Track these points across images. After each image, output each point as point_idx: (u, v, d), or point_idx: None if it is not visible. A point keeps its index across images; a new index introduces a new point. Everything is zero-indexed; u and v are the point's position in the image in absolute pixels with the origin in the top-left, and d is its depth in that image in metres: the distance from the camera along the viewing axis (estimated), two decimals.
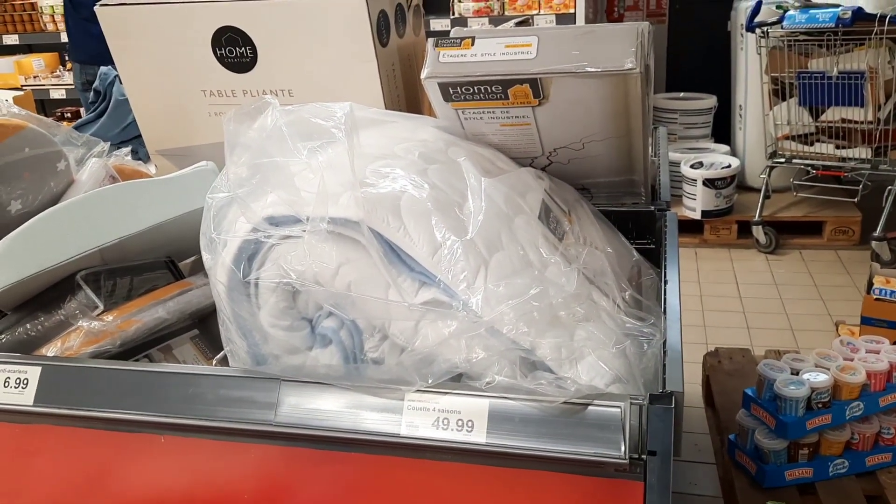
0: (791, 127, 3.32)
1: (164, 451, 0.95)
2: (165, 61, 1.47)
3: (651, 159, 1.65)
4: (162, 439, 0.95)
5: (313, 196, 0.89)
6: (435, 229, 0.90)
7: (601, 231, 1.17)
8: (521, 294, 0.89)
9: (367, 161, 0.99)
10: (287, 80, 1.43)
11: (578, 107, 1.17)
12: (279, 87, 1.44)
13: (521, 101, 1.17)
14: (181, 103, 1.51)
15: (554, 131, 1.24)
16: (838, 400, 1.63)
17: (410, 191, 0.94)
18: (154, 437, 0.95)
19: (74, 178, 1.33)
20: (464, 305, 0.88)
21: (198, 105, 1.50)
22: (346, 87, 1.40)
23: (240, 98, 1.47)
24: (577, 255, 1.01)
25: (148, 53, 1.48)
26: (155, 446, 0.95)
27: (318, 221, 0.89)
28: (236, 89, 1.46)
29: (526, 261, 0.96)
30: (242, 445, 0.91)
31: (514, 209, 1.03)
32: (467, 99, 1.18)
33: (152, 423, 0.93)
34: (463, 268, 0.89)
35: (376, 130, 1.15)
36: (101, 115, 1.84)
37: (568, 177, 1.36)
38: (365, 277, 0.91)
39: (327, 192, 0.90)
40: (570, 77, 1.11)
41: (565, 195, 1.20)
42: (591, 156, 1.28)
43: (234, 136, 0.88)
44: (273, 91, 1.45)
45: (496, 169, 1.14)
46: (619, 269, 1.11)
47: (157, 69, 1.48)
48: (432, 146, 1.10)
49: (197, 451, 0.94)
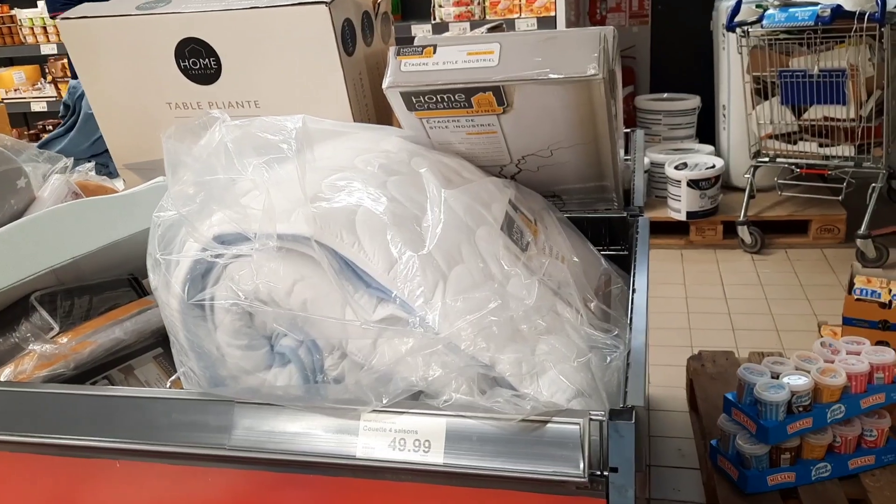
0: (774, 126, 3.31)
1: (120, 477, 0.93)
2: (129, 74, 1.45)
3: (625, 163, 1.64)
4: (118, 464, 0.92)
5: (271, 213, 0.87)
6: (391, 244, 0.88)
7: (569, 240, 1.15)
8: (480, 308, 0.87)
9: (324, 174, 0.97)
10: (252, 91, 1.41)
11: (543, 114, 1.15)
12: (245, 99, 1.42)
13: (485, 110, 1.15)
14: (146, 116, 1.48)
15: (521, 139, 1.22)
16: (819, 403, 1.61)
17: (367, 204, 0.92)
18: (110, 463, 0.92)
19: (36, 195, 1.31)
20: (421, 321, 0.86)
21: (163, 118, 1.48)
22: (313, 97, 1.38)
23: (205, 109, 1.45)
24: (540, 266, 1.00)
25: (111, 66, 1.45)
26: (111, 472, 0.93)
27: (266, 239, 0.87)
28: (202, 101, 1.44)
29: (487, 273, 0.94)
30: (198, 469, 0.88)
31: (476, 220, 1.01)
32: (431, 108, 1.16)
33: (106, 448, 0.90)
34: (420, 283, 0.87)
35: (337, 142, 1.13)
36: (70, 129, 1.81)
37: (538, 184, 1.35)
38: (321, 295, 0.89)
39: (276, 208, 0.88)
40: (533, 84, 1.09)
41: (532, 204, 1.18)
42: (560, 162, 1.27)
43: (175, 154, 0.86)
44: (239, 102, 1.43)
45: (460, 179, 1.12)
46: (586, 278, 1.09)
47: (121, 82, 1.46)
48: (394, 157, 1.08)
49: (153, 477, 0.92)
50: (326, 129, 1.06)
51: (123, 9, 1.42)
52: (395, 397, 0.82)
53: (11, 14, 4.35)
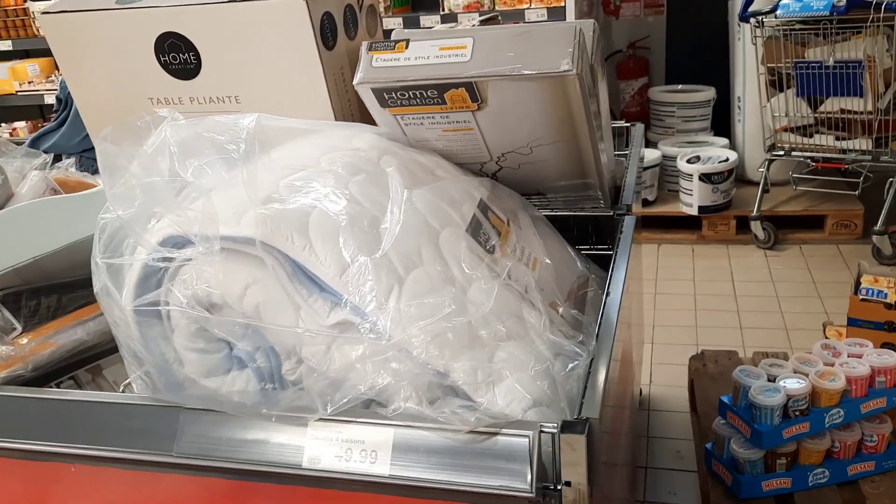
0: (789, 119, 3.24)
1: (75, 481, 0.92)
2: (110, 69, 1.43)
3: (619, 159, 1.60)
4: (73, 468, 0.91)
5: (212, 215, 0.85)
6: (344, 247, 0.86)
7: (544, 241, 1.12)
8: (435, 313, 0.85)
9: (284, 174, 0.95)
10: (232, 87, 1.39)
11: (519, 111, 1.12)
12: (225, 94, 1.40)
13: (459, 106, 1.12)
14: (129, 112, 1.46)
15: (498, 136, 1.19)
16: (817, 407, 1.56)
17: (323, 206, 0.89)
18: (65, 467, 0.91)
19: (14, 191, 1.30)
20: (372, 327, 0.83)
21: (146, 113, 1.46)
22: (292, 92, 1.35)
23: (187, 105, 1.43)
24: (505, 269, 0.96)
25: (92, 61, 1.44)
26: (66, 476, 0.92)
27: (211, 242, 0.85)
28: (182, 97, 1.42)
29: (447, 277, 0.91)
30: (149, 475, 0.87)
31: (441, 221, 0.98)
32: (404, 104, 1.13)
33: (59, 453, 0.89)
34: (372, 287, 0.84)
35: (305, 140, 1.10)
36: (62, 124, 1.80)
37: (520, 182, 1.31)
38: (273, 298, 0.87)
39: (227, 210, 0.85)
40: (506, 80, 1.06)
41: (507, 204, 1.15)
42: (542, 160, 1.23)
43: (110, 157, 0.84)
44: (220, 98, 1.41)
45: (431, 178, 1.09)
46: (559, 281, 1.05)
47: (103, 77, 1.45)
48: (362, 155, 1.05)
49: (107, 481, 0.90)
50: (290, 127, 1.03)
51: (103, 3, 1.40)
52: (341, 406, 0.80)
53: (25, 7, 4.37)
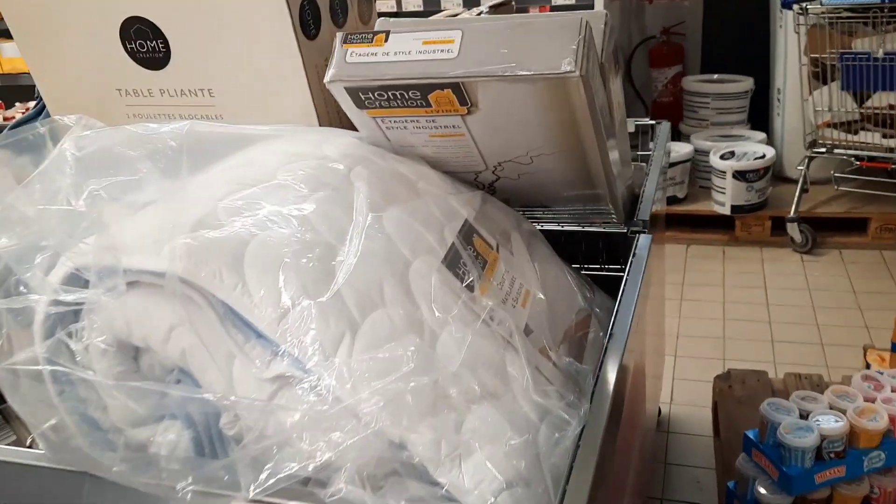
0: (833, 114, 3.02)
1: None
2: (76, 58, 1.30)
3: (639, 164, 1.44)
4: None
5: (123, 247, 0.71)
6: (285, 286, 0.71)
7: (540, 269, 0.96)
8: (393, 370, 0.70)
9: (226, 192, 0.80)
10: (205, 79, 1.25)
11: (515, 116, 0.96)
12: (197, 87, 1.26)
13: (446, 109, 0.97)
14: (98, 104, 1.34)
15: (493, 143, 1.03)
16: (855, 448, 1.39)
17: (266, 233, 0.75)
18: None
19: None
20: (311, 387, 0.69)
21: (115, 106, 1.33)
22: (270, 86, 1.21)
23: (157, 98, 1.30)
24: (488, 308, 0.81)
25: (57, 50, 1.31)
26: None
27: (121, 277, 0.71)
28: (153, 88, 1.29)
29: (414, 321, 0.76)
30: None
31: (414, 249, 0.83)
32: (383, 106, 0.98)
33: None
34: (315, 337, 0.69)
35: (267, 147, 0.96)
36: (40, 113, 1.68)
37: (520, 193, 1.16)
38: (202, 344, 0.73)
39: (143, 238, 0.71)
40: (498, 81, 0.90)
41: (499, 223, 0.99)
42: (543, 170, 1.07)
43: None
44: (192, 91, 1.27)
45: (411, 193, 0.94)
46: (554, 320, 0.90)
47: (69, 67, 1.31)
48: (330, 167, 0.90)
49: None
50: (240, 134, 0.89)
51: None
52: (268, 488, 0.65)
53: None
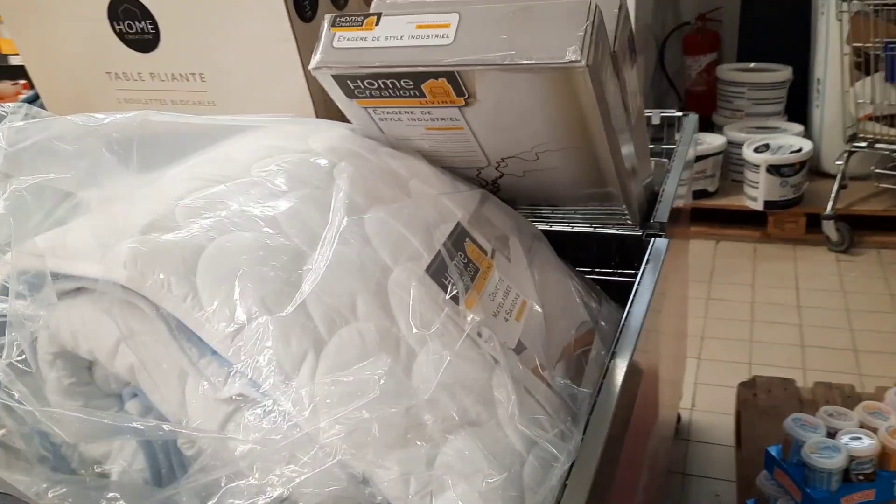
0: (875, 106, 2.88)
1: None
2: (64, 39, 1.24)
3: (658, 160, 1.34)
4: None
5: (61, 249, 0.64)
6: (241, 298, 0.63)
7: (539, 277, 0.88)
8: (360, 394, 0.62)
9: (189, 189, 0.73)
10: (196, 63, 1.18)
11: (516, 109, 0.88)
12: (188, 71, 1.19)
13: (442, 101, 0.88)
14: (87, 88, 1.28)
15: (494, 138, 0.95)
16: (886, 471, 1.29)
17: (225, 237, 0.67)
18: None
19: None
20: (265, 412, 0.62)
21: (104, 90, 1.26)
22: (264, 71, 1.13)
23: (147, 82, 1.23)
24: (475, 323, 0.73)
25: (45, 31, 1.25)
26: None
27: (57, 283, 0.64)
28: (143, 72, 1.22)
29: (389, 338, 0.68)
30: None
31: (397, 256, 0.75)
32: (374, 96, 0.90)
33: None
34: (273, 355, 0.62)
35: (246, 139, 0.89)
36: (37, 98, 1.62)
37: (527, 191, 1.07)
38: (152, 359, 0.66)
39: (89, 240, 0.64)
40: (497, 71, 0.82)
41: (497, 226, 0.91)
42: (550, 167, 0.99)
43: None
44: (182, 75, 1.20)
45: (399, 193, 0.86)
46: (552, 335, 0.82)
47: (57, 49, 1.25)
48: (312, 161, 0.83)
49: None
50: (206, 125, 0.81)
51: None
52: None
53: None
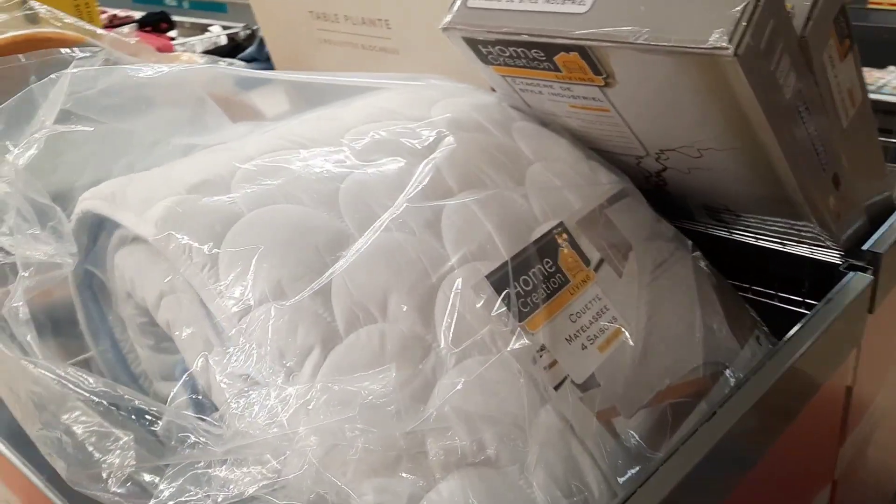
0: None
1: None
2: None
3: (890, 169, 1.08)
4: None
5: (134, 196, 0.64)
6: (256, 276, 0.59)
7: (653, 301, 0.73)
8: (353, 405, 0.56)
9: (259, 151, 0.70)
10: (383, 9, 1.15)
11: (663, 98, 0.73)
12: (375, 16, 1.16)
13: (578, 77, 0.76)
14: (295, 25, 1.31)
15: (646, 127, 0.80)
16: None
17: (268, 208, 0.63)
18: None
19: None
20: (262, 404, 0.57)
21: (308, 29, 1.29)
22: None
23: (342, 24, 1.23)
24: (525, 345, 0.62)
25: None
26: None
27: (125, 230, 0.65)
28: (339, 13, 1.22)
29: (416, 347, 0.60)
30: None
31: (467, 254, 0.66)
32: (508, 64, 0.80)
33: None
34: (274, 345, 0.58)
35: (367, 98, 0.84)
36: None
37: (695, 190, 0.91)
38: (183, 321, 0.65)
39: (141, 192, 0.64)
40: (629, 50, 0.68)
41: (619, 234, 0.77)
42: (717, 168, 0.82)
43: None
44: (370, 20, 1.18)
45: (506, 179, 0.75)
46: (643, 375, 0.68)
47: None
48: (414, 132, 0.76)
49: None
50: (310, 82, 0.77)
51: None
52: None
53: None
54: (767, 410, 0.69)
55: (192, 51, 2.20)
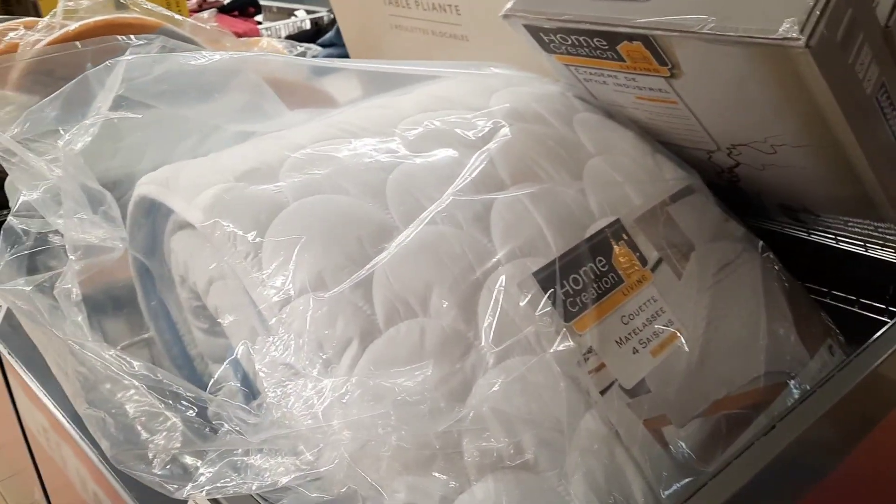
0: None
1: None
2: None
3: None
4: None
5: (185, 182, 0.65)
6: (297, 266, 0.59)
7: (713, 305, 0.69)
8: (389, 401, 0.55)
9: (311, 139, 0.69)
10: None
11: (732, 90, 0.69)
12: (446, 2, 1.15)
13: (643, 68, 0.73)
14: (368, 11, 1.31)
15: (715, 121, 0.76)
16: None
17: (314, 197, 0.63)
18: None
19: None
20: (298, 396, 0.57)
21: (381, 15, 1.28)
22: None
23: (413, 10, 1.21)
24: (569, 347, 0.60)
25: None
26: None
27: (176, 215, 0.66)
28: (411, 1, 1.21)
29: (457, 344, 0.59)
30: None
31: (515, 251, 0.64)
32: (571, 52, 0.77)
33: None
34: (314, 335, 0.57)
35: (428, 86, 0.83)
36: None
37: (771, 188, 0.86)
38: (231, 307, 0.65)
39: (193, 177, 0.64)
40: (695, 40, 0.64)
41: (681, 233, 0.73)
42: (792, 165, 0.77)
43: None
44: (440, 6, 1.16)
45: (562, 173, 0.73)
46: (697, 383, 0.64)
47: None
48: (470, 122, 0.74)
49: None
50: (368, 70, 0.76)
51: None
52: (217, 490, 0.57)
53: None
54: (833, 427, 0.64)
55: (276, 35, 2.23)
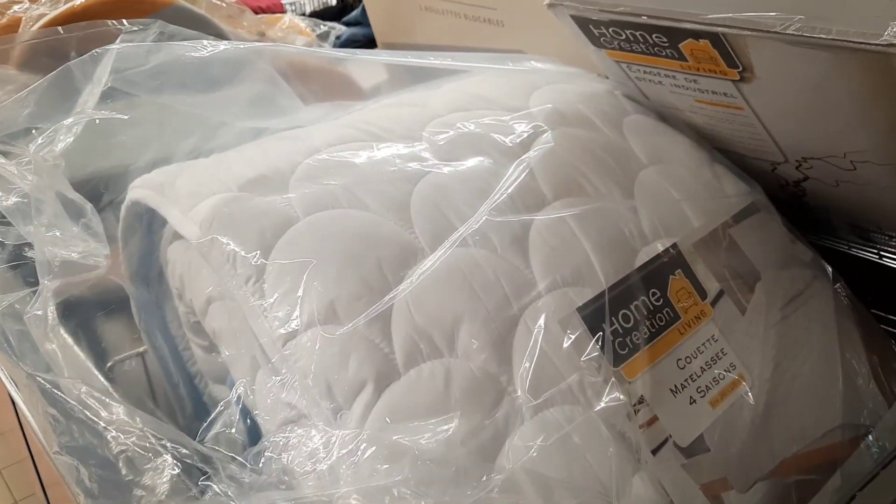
0: None
1: None
2: None
3: None
4: None
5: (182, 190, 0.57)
6: (306, 295, 0.51)
7: (783, 346, 0.60)
8: (407, 460, 0.47)
9: (327, 142, 0.61)
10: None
11: (813, 98, 0.60)
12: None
13: (709, 69, 0.63)
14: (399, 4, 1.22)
15: (787, 130, 0.67)
16: None
17: (326, 213, 0.54)
18: None
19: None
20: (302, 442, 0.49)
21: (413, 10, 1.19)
22: None
23: (449, 5, 1.12)
24: (617, 400, 0.51)
25: None
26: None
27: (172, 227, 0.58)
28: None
29: (489, 391, 0.51)
30: None
31: (556, 280, 0.56)
32: (623, 48, 0.68)
33: None
34: (321, 376, 0.49)
35: (462, 80, 0.74)
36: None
37: (843, 206, 0.77)
38: (231, 333, 0.57)
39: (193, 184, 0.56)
40: (776, 41, 0.55)
41: (742, 260, 0.64)
42: (874, 184, 0.68)
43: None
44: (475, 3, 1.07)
45: (612, 187, 0.64)
46: (764, 439, 0.56)
47: None
48: (507, 126, 0.65)
49: None
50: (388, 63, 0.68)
51: None
52: None
53: None
54: None
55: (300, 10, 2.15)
